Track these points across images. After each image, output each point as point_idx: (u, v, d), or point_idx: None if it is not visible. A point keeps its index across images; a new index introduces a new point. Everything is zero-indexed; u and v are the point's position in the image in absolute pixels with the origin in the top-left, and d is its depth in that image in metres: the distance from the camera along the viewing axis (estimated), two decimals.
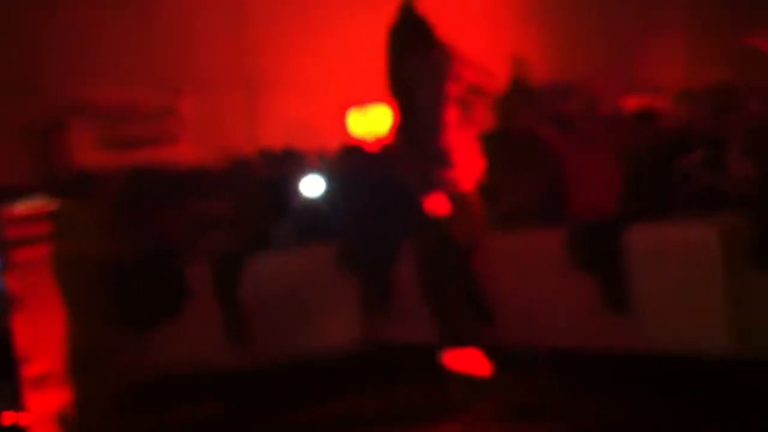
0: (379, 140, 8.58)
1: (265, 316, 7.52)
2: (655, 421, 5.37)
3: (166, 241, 7.74)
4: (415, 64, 5.78)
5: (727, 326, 6.12)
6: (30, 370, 4.43)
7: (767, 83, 8.38)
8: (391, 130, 6.39)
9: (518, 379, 6.13)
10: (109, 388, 5.75)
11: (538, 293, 7.00)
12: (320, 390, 6.64)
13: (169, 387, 6.85)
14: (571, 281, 6.82)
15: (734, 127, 6.52)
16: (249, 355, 7.43)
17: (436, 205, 5.72)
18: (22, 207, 6.22)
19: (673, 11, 12.46)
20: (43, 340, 4.45)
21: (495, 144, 7.45)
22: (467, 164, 5.85)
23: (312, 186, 7.72)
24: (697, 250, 6.25)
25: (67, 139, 9.35)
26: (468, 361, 5.72)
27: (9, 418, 5.19)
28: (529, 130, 6.96)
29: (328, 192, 7.73)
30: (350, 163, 7.92)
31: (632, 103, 8.75)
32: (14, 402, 5.25)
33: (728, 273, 6.11)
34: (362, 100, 10.16)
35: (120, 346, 6.40)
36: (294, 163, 8.19)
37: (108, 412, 5.52)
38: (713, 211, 6.37)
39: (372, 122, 10.06)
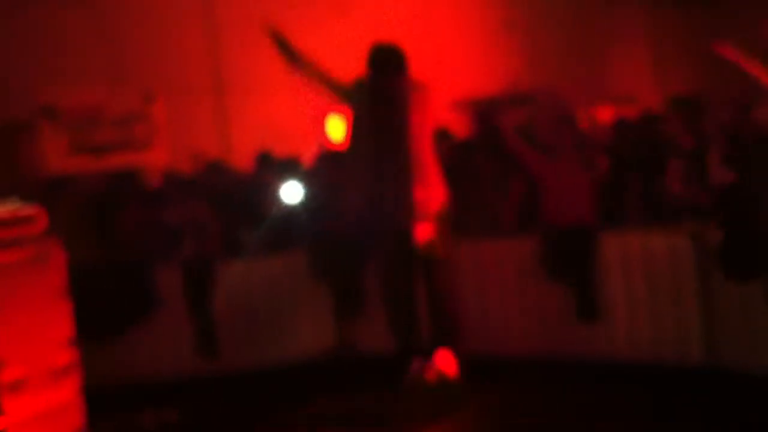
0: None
1: (236, 322, 7.50)
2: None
3: (138, 247, 7.70)
4: (397, 88, 5.93)
5: (699, 334, 6.19)
6: (6, 375, 4.39)
7: (736, 92, 8.47)
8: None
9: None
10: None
11: (509, 302, 7.05)
12: (291, 397, 6.62)
13: (137, 393, 6.80)
14: (542, 290, 6.86)
15: (712, 136, 6.57)
16: (220, 362, 7.41)
17: (421, 231, 5.80)
18: None
19: (643, 24, 12.59)
20: (20, 344, 4.42)
21: (470, 154, 7.52)
22: (437, 185, 5.97)
23: (287, 192, 7.69)
24: (670, 258, 6.31)
25: (39, 144, 9.29)
26: (437, 364, 5.77)
27: None
28: (504, 140, 7.02)
29: (302, 198, 7.70)
30: (325, 169, 7.91)
31: (605, 113, 8.83)
32: None
33: (701, 281, 6.17)
34: (335, 107, 10.13)
35: (88, 351, 6.34)
36: (269, 169, 8.17)
37: None
38: (687, 219, 6.43)
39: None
